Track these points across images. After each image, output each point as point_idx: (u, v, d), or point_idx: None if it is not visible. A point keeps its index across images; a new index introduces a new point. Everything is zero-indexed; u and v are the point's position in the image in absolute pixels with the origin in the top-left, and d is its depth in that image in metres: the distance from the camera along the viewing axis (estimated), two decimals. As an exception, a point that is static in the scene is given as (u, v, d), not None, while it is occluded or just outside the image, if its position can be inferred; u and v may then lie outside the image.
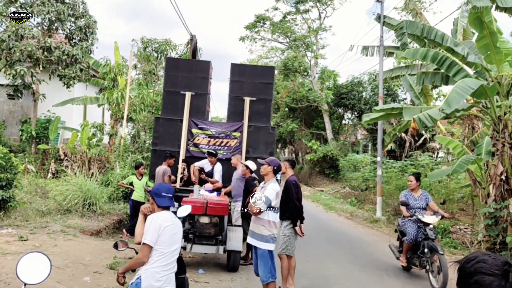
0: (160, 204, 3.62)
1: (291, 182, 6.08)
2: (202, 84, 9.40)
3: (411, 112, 10.48)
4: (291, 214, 6.01)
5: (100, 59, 16.42)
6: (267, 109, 9.46)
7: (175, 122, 9.23)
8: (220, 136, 9.28)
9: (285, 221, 6.00)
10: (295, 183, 6.12)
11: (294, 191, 6.00)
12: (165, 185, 3.76)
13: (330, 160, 27.48)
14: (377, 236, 11.34)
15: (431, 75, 11.27)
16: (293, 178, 6.17)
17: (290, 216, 6.02)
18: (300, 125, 31.81)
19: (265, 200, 5.03)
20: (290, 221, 6.04)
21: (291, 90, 31.42)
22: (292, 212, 5.99)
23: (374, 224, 13.13)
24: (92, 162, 16.12)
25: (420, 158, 18.61)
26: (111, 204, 10.97)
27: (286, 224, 6.02)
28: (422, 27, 10.10)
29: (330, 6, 31.47)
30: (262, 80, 9.46)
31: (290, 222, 6.04)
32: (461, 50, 10.09)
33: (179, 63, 9.65)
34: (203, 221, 6.41)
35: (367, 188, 20.84)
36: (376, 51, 14.88)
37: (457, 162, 9.73)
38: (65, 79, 16.29)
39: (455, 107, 8.35)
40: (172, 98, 9.36)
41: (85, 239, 7.63)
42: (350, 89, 28.92)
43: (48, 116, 17.79)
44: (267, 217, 5.15)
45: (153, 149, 9.34)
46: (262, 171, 5.33)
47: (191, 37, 12.67)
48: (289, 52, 31.06)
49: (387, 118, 13.36)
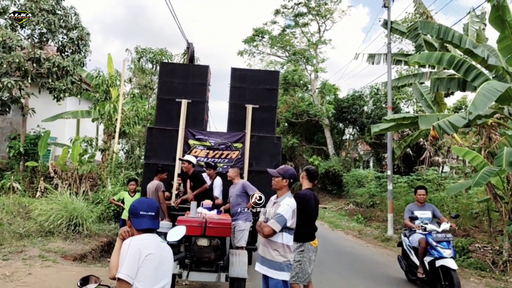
0: (137, 226, 2.72)
1: (306, 195, 5.18)
2: (200, 90, 8.55)
3: (427, 120, 9.66)
4: (303, 235, 5.10)
5: (92, 70, 15.57)
6: (272, 117, 8.59)
7: (170, 133, 8.34)
8: (220, 147, 8.38)
9: (295, 243, 5.03)
10: (313, 197, 5.23)
11: (310, 208, 5.12)
12: (144, 201, 2.86)
13: (333, 176, 26.61)
14: (392, 257, 10.37)
15: (446, 80, 10.48)
16: (308, 192, 5.26)
17: (302, 237, 5.10)
18: (301, 140, 31.00)
19: (279, 219, 4.11)
20: (300, 243, 5.10)
21: (291, 105, 30.69)
22: (304, 232, 5.09)
23: (386, 243, 12.17)
24: (84, 179, 15.23)
25: (428, 173, 17.77)
26: (100, 224, 10.03)
27: (296, 247, 5.07)
28: (438, 28, 9.34)
29: (330, 19, 31.03)
30: (265, 85, 8.62)
31: (300, 245, 5.10)
32: (481, 52, 9.32)
33: (175, 68, 8.80)
34: (201, 244, 5.44)
35: (373, 205, 19.92)
36: (382, 59, 14.14)
37: (479, 174, 8.87)
38: (55, 92, 15.44)
39: (483, 109, 7.54)
40: (166, 107, 8.50)
41: (66, 265, 6.66)
42: (351, 103, 28.24)
43: (37, 131, 16.87)
44: (281, 240, 4.19)
45: (146, 162, 8.42)
46: (274, 184, 4.39)
47: (188, 45, 11.84)
48: (288, 65, 30.40)
49: (398, 128, 12.52)
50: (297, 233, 4.96)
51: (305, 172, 5.30)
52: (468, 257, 10.32)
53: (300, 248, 5.09)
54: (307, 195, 5.24)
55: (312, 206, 5.25)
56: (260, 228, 4.23)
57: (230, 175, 7.25)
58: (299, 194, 5.22)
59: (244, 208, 6.86)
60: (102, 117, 13.79)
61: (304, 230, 5.08)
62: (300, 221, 5.00)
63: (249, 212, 6.81)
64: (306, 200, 5.19)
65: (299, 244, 5.09)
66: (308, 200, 5.21)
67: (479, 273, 8.68)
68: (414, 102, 27.57)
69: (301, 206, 5.04)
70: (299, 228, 4.99)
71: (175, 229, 3.31)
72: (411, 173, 20.04)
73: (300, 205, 5.03)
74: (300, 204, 5.03)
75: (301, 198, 5.10)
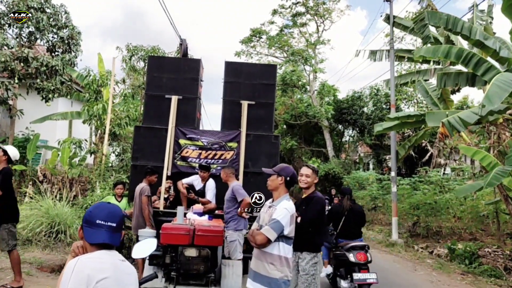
0: (90, 239, 2.07)
1: (318, 199, 4.65)
2: (191, 86, 7.94)
3: (435, 117, 9.06)
4: (319, 244, 4.60)
5: (82, 70, 14.94)
6: (269, 115, 7.98)
7: (159, 132, 7.73)
8: (213, 147, 7.76)
9: (308, 253, 4.43)
10: (322, 202, 4.69)
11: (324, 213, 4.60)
12: (105, 207, 2.17)
13: (333, 179, 25.99)
14: (399, 264, 9.75)
15: (454, 75, 9.87)
16: (318, 196, 4.69)
17: (318, 246, 4.56)
18: (300, 142, 30.38)
19: (274, 225, 3.45)
20: (314, 254, 4.45)
21: (290, 106, 30.07)
22: (321, 241, 4.59)
23: (391, 249, 11.54)
24: (75, 183, 14.60)
25: (431, 174, 17.17)
26: (87, 231, 9.35)
27: (310, 258, 4.42)
28: (447, 18, 8.74)
29: (328, 19, 30.47)
30: (262, 80, 8.01)
31: (314, 255, 4.44)
32: (492, 44, 8.72)
33: (164, 62, 8.18)
34: (189, 254, 4.80)
35: (375, 207, 19.30)
36: (385, 55, 13.54)
37: (491, 175, 8.26)
38: (44, 92, 14.79)
39: (498, 102, 6.93)
40: (155, 104, 7.89)
41: (41, 277, 6.02)
42: (351, 104, 27.66)
43: (26, 134, 16.21)
44: (277, 251, 3.50)
45: (133, 164, 7.79)
46: (269, 184, 3.76)
47: (181, 41, 11.20)
48: (286, 66, 29.81)
49: (402, 127, 11.94)
50: (312, 243, 4.44)
51: (311, 168, 4.73)
52: (479, 264, 9.70)
53: (314, 259, 4.44)
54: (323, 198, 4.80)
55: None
56: (252, 237, 3.56)
57: (222, 177, 6.55)
58: (319, 197, 4.71)
59: (234, 215, 6.19)
60: (92, 118, 13.14)
61: (320, 239, 4.62)
62: (318, 229, 4.46)
63: (241, 219, 6.13)
64: (325, 205, 4.76)
65: (313, 255, 4.45)
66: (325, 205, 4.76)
67: (494, 281, 8.04)
68: (415, 102, 27.04)
69: (322, 213, 4.66)
70: (315, 237, 4.47)
71: (143, 242, 2.66)
72: (413, 175, 19.47)
73: (321, 212, 4.62)
74: (321, 211, 4.63)
75: (322, 204, 4.70)
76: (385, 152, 25.34)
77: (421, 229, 13.59)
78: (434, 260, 10.26)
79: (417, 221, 14.12)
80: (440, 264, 9.73)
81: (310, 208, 4.50)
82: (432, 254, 11.18)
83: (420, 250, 11.34)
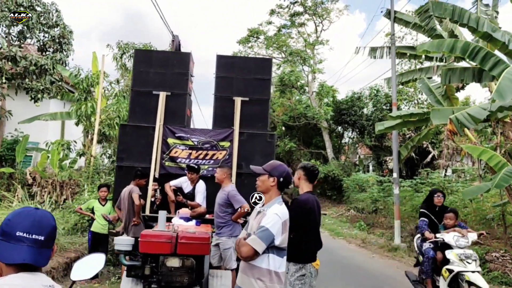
0: (6, 258, 1.54)
1: (308, 202, 3.96)
2: (181, 81, 7.43)
3: (441, 115, 8.54)
4: (305, 254, 3.88)
5: (72, 68, 14.43)
6: (264, 112, 7.46)
7: (146, 130, 7.21)
8: (204, 147, 7.23)
9: (294, 264, 3.80)
10: (316, 204, 4.03)
11: (314, 218, 3.95)
12: (29, 214, 1.62)
13: (332, 181, 25.52)
14: (403, 270, 9.18)
15: (459, 71, 9.36)
16: (310, 197, 4.00)
17: (304, 257, 3.87)
18: (299, 144, 29.89)
19: (263, 234, 2.89)
20: (301, 265, 3.82)
21: (288, 108, 29.58)
22: (307, 250, 3.90)
23: (394, 253, 11.00)
24: (65, 186, 14.09)
25: (433, 176, 16.68)
26: (72, 237, 8.85)
27: (294, 270, 3.81)
28: (452, 9, 8.25)
29: (327, 19, 30.05)
30: (256, 75, 7.49)
31: (300, 267, 3.81)
32: (501, 37, 8.21)
33: (151, 55, 7.66)
34: (171, 265, 4.26)
35: (376, 210, 18.77)
36: (385, 52, 13.04)
37: (499, 175, 7.78)
38: (32, 92, 14.29)
39: (510, 97, 6.42)
40: (142, 100, 7.37)
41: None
42: (351, 105, 27.17)
43: (15, 136, 15.69)
44: (266, 265, 2.95)
45: (118, 165, 7.26)
46: (259, 185, 3.20)
47: (173, 38, 10.67)
48: (284, 66, 29.35)
49: (404, 126, 11.46)
50: (297, 252, 3.76)
51: (302, 171, 4.06)
52: (486, 268, 9.17)
53: (300, 271, 3.81)
54: (309, 201, 3.99)
55: (316, 216, 4.04)
56: (238, 248, 3.02)
57: (218, 177, 5.91)
58: (299, 200, 4.00)
59: (228, 221, 5.65)
60: (80, 118, 12.61)
61: (306, 247, 3.90)
62: (301, 236, 3.81)
63: (236, 225, 5.60)
64: (308, 208, 3.94)
65: (299, 266, 3.82)
66: (310, 208, 3.96)
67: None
68: (415, 103, 26.56)
69: (303, 216, 3.87)
70: (301, 245, 3.81)
71: (87, 259, 2.15)
72: (414, 177, 18.97)
73: (301, 215, 3.84)
74: (301, 213, 3.85)
75: (301, 206, 3.91)
76: (385, 154, 24.87)
77: (424, 233, 13.08)
78: (440, 265, 9.73)
79: (420, 224, 13.62)
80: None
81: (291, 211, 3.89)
82: (437, 259, 10.67)
83: (424, 255, 10.84)
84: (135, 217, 6.16)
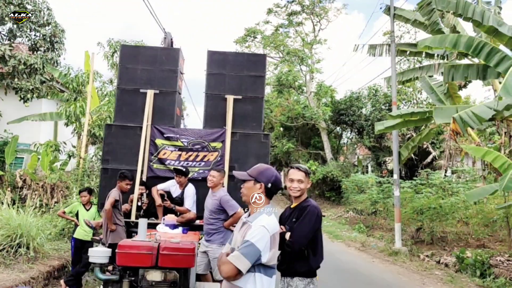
0: None
1: (318, 208, 3.52)
2: (169, 78, 7.03)
3: (444, 113, 8.16)
4: (315, 268, 3.45)
5: (61, 68, 14.01)
6: (258, 111, 7.05)
7: (133, 131, 6.82)
8: (194, 148, 6.83)
9: (301, 279, 3.35)
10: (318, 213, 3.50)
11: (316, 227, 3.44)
12: None
13: (331, 182, 25.13)
14: (405, 276, 8.82)
15: (462, 68, 8.97)
16: (312, 204, 3.53)
17: (314, 271, 3.44)
18: (297, 144, 29.51)
19: (246, 251, 2.50)
20: (309, 279, 3.36)
21: (286, 108, 29.20)
22: (317, 264, 3.46)
23: (395, 258, 10.60)
24: (56, 189, 13.68)
25: (434, 177, 16.26)
26: (58, 243, 8.45)
27: (303, 285, 3.34)
28: (456, 2, 7.86)
29: (325, 18, 29.70)
30: (250, 72, 7.10)
31: (309, 282, 3.35)
32: (507, 31, 7.83)
33: (138, 51, 7.24)
34: (152, 279, 3.84)
35: (375, 212, 18.38)
36: (385, 49, 12.65)
37: (508, 177, 7.39)
38: (22, 92, 13.86)
39: (519, 95, 6.03)
40: (128, 99, 6.97)
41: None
42: (349, 105, 26.77)
43: (5, 137, 15.24)
44: (252, 285, 2.55)
45: (103, 167, 6.85)
46: (244, 192, 2.80)
47: (165, 35, 10.25)
48: (282, 66, 28.96)
49: (405, 125, 11.08)
50: (308, 265, 3.38)
51: (303, 171, 3.59)
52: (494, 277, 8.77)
53: (309, 286, 3.36)
54: (318, 207, 3.58)
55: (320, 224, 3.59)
56: (218, 265, 2.62)
57: (216, 181, 5.43)
58: (315, 205, 3.54)
59: (219, 227, 5.24)
60: (69, 118, 12.19)
61: (316, 261, 3.46)
62: (314, 247, 3.41)
63: (227, 232, 5.17)
64: (321, 216, 3.51)
65: (308, 281, 3.36)
66: (321, 216, 3.53)
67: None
68: (415, 103, 26.20)
69: (319, 224, 3.48)
70: (313, 260, 3.40)
71: None
72: (414, 178, 18.59)
73: (319, 223, 3.46)
74: (319, 222, 3.46)
75: (319, 214, 3.48)
76: (385, 154, 24.49)
77: (425, 235, 12.69)
78: (443, 271, 9.36)
79: (421, 226, 13.22)
80: (450, 276, 8.83)
81: (304, 221, 3.39)
82: (439, 263, 10.28)
83: (426, 259, 10.44)
84: (109, 225, 5.73)
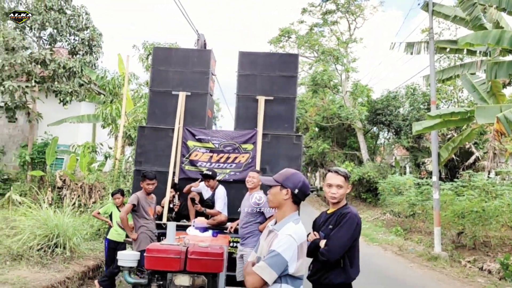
0: None
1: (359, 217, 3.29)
2: (201, 80, 7.00)
3: (487, 113, 7.75)
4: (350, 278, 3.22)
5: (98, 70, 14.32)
6: (290, 112, 6.91)
7: (165, 132, 6.82)
8: (226, 149, 6.77)
9: None
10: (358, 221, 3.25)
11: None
12: None
13: (367, 183, 24.60)
14: (445, 283, 8.46)
15: (506, 65, 8.52)
16: (353, 211, 3.27)
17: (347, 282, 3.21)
18: (332, 145, 29.10)
19: (272, 261, 2.34)
20: None
21: (321, 108, 28.84)
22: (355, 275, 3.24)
23: (434, 263, 10.19)
24: (94, 189, 14.02)
25: (476, 179, 15.55)
26: (94, 243, 8.60)
27: None
28: (500, -5, 7.45)
29: (360, 16, 29.16)
30: (282, 72, 6.97)
31: None
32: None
33: (171, 53, 7.25)
34: (180, 283, 3.78)
35: (413, 214, 17.80)
36: (423, 47, 12.20)
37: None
38: (61, 95, 14.29)
39: None
40: (161, 101, 6.99)
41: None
42: (386, 104, 26.12)
43: (45, 139, 15.75)
44: None
45: (136, 169, 6.89)
46: (270, 199, 2.63)
47: (198, 36, 10.27)
48: (316, 66, 28.62)
49: (444, 126, 10.67)
50: (345, 278, 3.19)
51: (342, 175, 3.30)
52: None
53: None
54: (358, 215, 3.32)
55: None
56: (244, 275, 2.49)
57: (256, 181, 5.33)
58: (356, 213, 3.29)
59: (254, 230, 5.15)
60: (105, 120, 12.44)
61: (353, 273, 3.26)
62: (351, 259, 3.24)
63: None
64: (360, 225, 3.28)
65: None
66: (361, 225, 3.30)
67: None
68: (455, 102, 25.30)
69: (356, 235, 3.27)
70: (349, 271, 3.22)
71: None
72: (454, 179, 17.90)
73: (359, 232, 3.27)
74: (360, 230, 3.28)
75: (358, 223, 3.25)
76: (423, 155, 23.73)
77: (467, 240, 12.15)
78: (486, 278, 8.90)
79: (462, 230, 12.67)
80: (493, 283, 8.38)
81: (342, 229, 3.16)
82: (482, 270, 9.79)
83: (467, 265, 9.98)
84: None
